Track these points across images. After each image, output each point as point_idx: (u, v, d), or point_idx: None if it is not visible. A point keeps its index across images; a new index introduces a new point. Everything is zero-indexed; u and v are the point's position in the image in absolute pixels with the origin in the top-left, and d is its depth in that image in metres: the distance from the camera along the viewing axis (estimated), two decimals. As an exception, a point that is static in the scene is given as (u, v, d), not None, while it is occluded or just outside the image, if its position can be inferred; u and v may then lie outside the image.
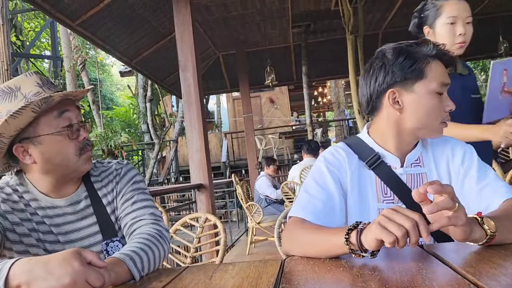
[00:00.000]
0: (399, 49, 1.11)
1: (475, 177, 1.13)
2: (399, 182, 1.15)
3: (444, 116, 1.12)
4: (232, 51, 7.83)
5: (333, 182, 1.15)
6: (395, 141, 1.17)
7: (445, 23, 1.65)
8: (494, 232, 0.87)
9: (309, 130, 7.39)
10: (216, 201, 8.37)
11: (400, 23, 7.62)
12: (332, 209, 1.12)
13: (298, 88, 11.39)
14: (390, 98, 1.12)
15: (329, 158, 1.20)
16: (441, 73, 1.10)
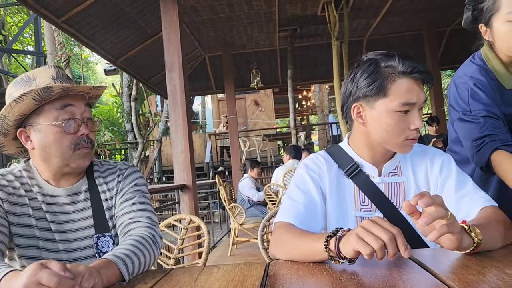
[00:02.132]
0: (368, 63, 1.12)
1: (454, 186, 1.15)
2: (376, 191, 1.18)
3: (409, 134, 1.11)
4: (218, 53, 7.84)
5: (314, 187, 1.19)
6: (368, 151, 1.20)
7: (505, 21, 1.29)
8: (481, 240, 0.89)
9: (293, 133, 7.44)
10: (199, 202, 8.35)
11: (385, 30, 7.76)
12: (314, 212, 1.16)
13: (283, 91, 11.46)
14: (355, 112, 1.15)
15: (309, 165, 1.23)
16: (405, 92, 1.07)
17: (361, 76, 1.11)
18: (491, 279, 0.76)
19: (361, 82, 1.11)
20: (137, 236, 1.11)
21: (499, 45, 1.37)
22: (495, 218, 1.03)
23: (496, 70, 1.42)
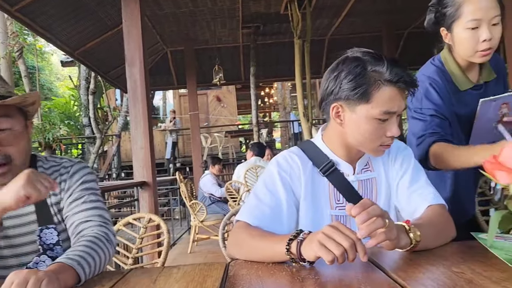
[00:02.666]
0: (355, 64, 1.07)
1: (408, 180, 1.19)
2: (350, 189, 1.18)
3: (385, 140, 1.12)
4: (180, 48, 7.73)
5: (283, 189, 1.15)
6: (344, 150, 1.19)
7: (466, 28, 1.35)
8: (418, 241, 0.94)
9: (254, 130, 7.46)
10: (159, 199, 8.23)
11: (346, 31, 7.92)
12: (279, 215, 1.13)
13: (245, 87, 11.46)
14: (334, 111, 1.13)
15: (282, 164, 1.18)
16: (387, 101, 1.05)
17: (346, 77, 1.07)
18: (439, 277, 0.80)
19: (345, 84, 1.07)
20: (90, 236, 1.08)
21: (458, 49, 1.45)
22: (438, 217, 1.09)
23: (453, 73, 1.50)
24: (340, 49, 3.96)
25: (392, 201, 1.22)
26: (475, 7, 1.34)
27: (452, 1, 1.39)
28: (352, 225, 1.17)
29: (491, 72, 1.54)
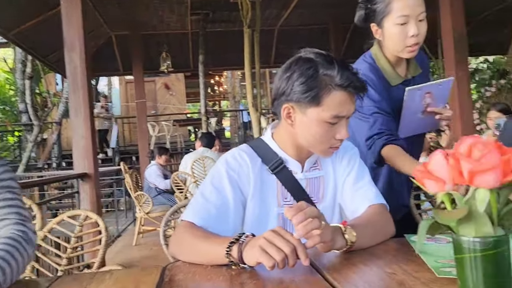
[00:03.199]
0: (307, 66, 1.07)
1: (353, 179, 1.22)
2: (298, 187, 1.18)
3: (334, 143, 1.13)
4: (126, 32, 7.44)
5: (231, 188, 1.13)
6: (294, 149, 1.19)
7: (395, 23, 1.42)
8: (353, 242, 0.96)
9: (203, 120, 7.38)
10: (103, 189, 7.96)
11: (295, 22, 7.98)
12: (226, 215, 1.12)
13: (195, 75, 11.27)
14: (285, 112, 1.13)
15: (231, 163, 1.17)
16: (338, 105, 1.07)
17: (298, 79, 1.07)
18: (371, 279, 0.82)
19: (297, 86, 1.07)
20: (6, 238, 0.99)
21: (388, 45, 1.50)
22: (377, 216, 1.13)
23: (384, 68, 1.55)
24: (290, 40, 4.01)
25: (337, 199, 1.23)
26: (404, 4, 1.40)
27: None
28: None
29: (417, 67, 1.61)
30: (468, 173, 0.51)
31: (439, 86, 1.49)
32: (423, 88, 1.46)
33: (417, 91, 1.45)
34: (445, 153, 0.60)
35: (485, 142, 0.52)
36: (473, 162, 0.51)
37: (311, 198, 1.19)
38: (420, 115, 1.52)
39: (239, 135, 12.44)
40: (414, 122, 1.53)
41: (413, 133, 1.58)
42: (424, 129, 1.63)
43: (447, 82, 1.49)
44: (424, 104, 1.50)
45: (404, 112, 1.50)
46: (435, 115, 1.50)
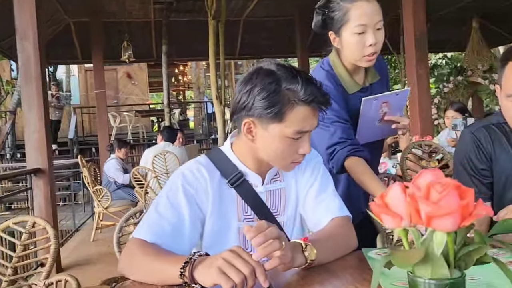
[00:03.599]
0: (269, 80, 1.02)
1: (316, 190, 1.18)
2: (258, 200, 1.14)
3: (296, 158, 1.10)
4: (85, 19, 7.14)
5: (187, 204, 1.07)
6: (255, 162, 1.14)
7: (353, 33, 1.39)
8: (313, 259, 0.93)
9: (166, 111, 7.23)
10: (61, 182, 7.68)
11: (261, 13, 7.91)
12: (181, 232, 1.06)
13: (158, 64, 11.02)
14: (245, 127, 1.08)
15: (188, 177, 1.10)
16: (301, 121, 1.03)
17: (259, 94, 1.02)
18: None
19: (258, 102, 1.02)
20: None
21: (346, 53, 1.48)
22: (339, 229, 1.10)
23: (342, 76, 1.53)
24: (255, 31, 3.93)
25: (299, 210, 1.20)
26: (361, 12, 1.38)
27: (339, 6, 1.41)
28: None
29: (375, 74, 1.60)
30: (426, 216, 0.49)
31: (396, 96, 1.49)
32: (379, 98, 1.46)
33: (373, 101, 1.45)
34: (403, 186, 0.58)
35: (444, 183, 0.49)
36: (431, 205, 0.48)
37: (272, 210, 1.16)
38: (377, 123, 1.52)
39: (203, 127, 12.30)
40: (371, 129, 1.53)
41: (370, 140, 1.59)
42: (381, 136, 1.64)
43: (404, 92, 1.51)
44: (381, 113, 1.50)
45: (361, 120, 1.50)
46: (392, 123, 1.51)
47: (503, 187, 1.30)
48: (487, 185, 1.31)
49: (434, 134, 5.85)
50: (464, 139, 1.35)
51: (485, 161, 1.30)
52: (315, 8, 1.50)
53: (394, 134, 1.60)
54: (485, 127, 1.32)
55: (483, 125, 1.33)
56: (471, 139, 1.32)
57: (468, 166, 1.32)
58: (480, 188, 1.31)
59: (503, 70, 1.22)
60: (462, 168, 1.34)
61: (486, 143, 1.30)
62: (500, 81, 1.25)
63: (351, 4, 1.39)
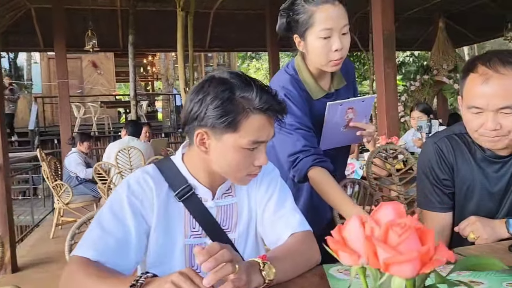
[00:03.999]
0: (222, 88, 0.97)
1: (274, 205, 1.13)
2: (207, 216, 1.08)
3: (252, 170, 1.04)
4: (47, 5, 6.81)
5: (133, 217, 1.01)
6: (207, 175, 1.08)
7: (319, 37, 1.35)
8: (272, 279, 0.88)
9: (132, 104, 7.03)
10: (20, 175, 7.37)
11: (231, 6, 7.82)
12: (127, 247, 0.99)
13: (126, 54, 10.70)
14: (198, 138, 1.01)
15: (133, 187, 1.04)
16: (256, 130, 0.98)
17: (212, 102, 0.96)
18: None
19: (211, 111, 0.96)
20: None
21: (311, 57, 1.43)
22: (300, 245, 1.05)
23: (306, 82, 1.48)
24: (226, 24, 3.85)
25: (253, 226, 1.15)
26: (327, 16, 1.34)
27: (304, 9, 1.36)
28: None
29: (341, 79, 1.57)
30: (384, 262, 0.44)
31: (362, 102, 1.46)
32: (345, 103, 1.42)
33: (339, 106, 1.42)
34: (362, 220, 0.53)
35: (404, 224, 0.45)
36: (390, 251, 0.44)
37: (223, 227, 1.10)
38: (342, 129, 1.49)
39: (171, 119, 12.09)
40: (336, 136, 1.50)
41: (334, 146, 1.55)
42: (346, 142, 1.61)
43: (370, 99, 1.48)
44: (347, 119, 1.47)
45: (326, 126, 1.46)
46: (357, 129, 1.48)
47: (464, 198, 1.29)
48: (449, 195, 1.30)
49: (400, 131, 5.95)
50: (427, 149, 1.34)
51: (447, 172, 1.29)
52: (280, 10, 1.45)
53: (359, 141, 1.57)
54: (447, 138, 1.31)
55: (446, 136, 1.32)
56: (434, 149, 1.31)
57: (431, 175, 1.31)
58: (442, 198, 1.30)
59: (464, 82, 1.21)
60: (425, 177, 1.33)
61: (448, 154, 1.29)
62: (461, 92, 1.24)
63: (316, 7, 1.35)
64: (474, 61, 1.20)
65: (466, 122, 1.21)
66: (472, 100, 1.16)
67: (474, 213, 1.26)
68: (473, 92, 1.16)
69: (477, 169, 1.26)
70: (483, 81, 1.13)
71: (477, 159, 1.27)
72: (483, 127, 1.15)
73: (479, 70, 1.16)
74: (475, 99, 1.15)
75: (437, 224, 1.29)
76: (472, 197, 1.28)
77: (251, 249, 1.15)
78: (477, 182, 1.26)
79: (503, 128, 1.13)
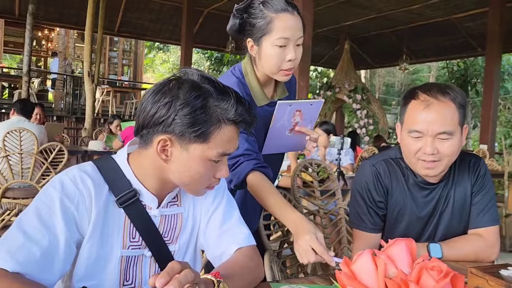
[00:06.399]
0: (195, 93, 0.88)
1: (220, 218, 1.06)
2: (150, 225, 0.97)
3: (212, 182, 0.98)
4: None
5: (64, 224, 0.86)
6: (156, 183, 0.97)
7: (274, 45, 1.32)
8: None
9: (24, 80, 6.31)
10: None
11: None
12: (53, 259, 0.85)
13: (20, 24, 9.57)
14: (159, 145, 0.91)
15: (69, 189, 0.89)
16: (226, 142, 0.92)
17: (183, 109, 0.87)
18: None
19: (181, 118, 0.87)
20: None
21: (263, 64, 1.40)
22: (248, 262, 1.00)
23: (253, 87, 1.45)
24: (139, 11, 3.64)
25: (194, 238, 1.07)
26: (286, 25, 1.32)
27: (262, 14, 1.33)
28: (144, 269, 0.98)
29: (284, 89, 1.56)
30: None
31: (310, 106, 1.45)
32: (294, 104, 1.41)
33: (288, 106, 1.39)
34: (372, 252, 0.51)
35: (439, 268, 0.43)
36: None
37: (164, 238, 1.00)
38: (288, 133, 1.47)
39: (66, 102, 11.11)
40: (280, 139, 1.47)
41: (277, 151, 1.53)
42: (289, 148, 1.59)
43: (318, 104, 1.46)
44: (293, 122, 1.45)
45: (272, 127, 1.43)
46: (302, 134, 1.47)
47: (395, 219, 1.36)
48: (381, 217, 1.36)
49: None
50: (364, 171, 1.38)
51: (382, 194, 1.35)
52: (233, 10, 1.39)
53: (301, 149, 1.56)
54: (385, 161, 1.37)
55: (383, 159, 1.38)
56: (372, 172, 1.35)
57: (367, 197, 1.35)
58: (375, 220, 1.35)
59: (405, 108, 1.28)
60: (360, 198, 1.37)
61: (385, 177, 1.35)
62: (401, 119, 1.30)
63: (275, 14, 1.31)
64: (415, 90, 1.28)
65: (405, 145, 1.28)
66: (413, 125, 1.23)
67: (402, 236, 1.32)
68: (415, 117, 1.23)
69: (409, 194, 1.34)
70: (425, 107, 1.21)
71: (409, 184, 1.34)
72: (421, 150, 1.22)
73: (421, 97, 1.23)
74: (417, 124, 1.22)
75: (367, 244, 1.33)
76: (401, 220, 1.35)
77: (189, 261, 1.06)
78: (408, 206, 1.34)
79: (440, 153, 1.21)
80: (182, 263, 0.74)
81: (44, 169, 3.59)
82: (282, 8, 1.32)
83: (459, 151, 1.26)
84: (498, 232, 1.34)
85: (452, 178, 1.34)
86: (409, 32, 8.73)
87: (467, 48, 8.83)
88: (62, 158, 3.81)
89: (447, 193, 1.34)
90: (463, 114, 1.25)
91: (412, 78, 19.06)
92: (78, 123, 10.12)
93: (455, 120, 1.21)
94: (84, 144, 6.08)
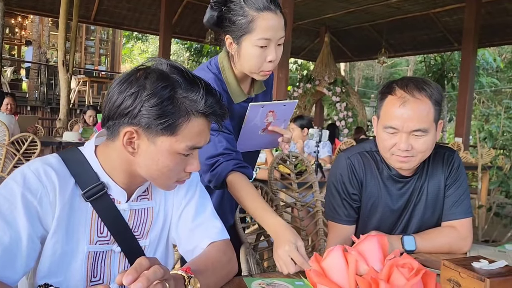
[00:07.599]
0: (162, 85, 0.84)
1: (193, 212, 1.04)
2: (119, 219, 0.94)
3: (182, 176, 0.95)
4: None
5: (26, 220, 0.82)
6: (125, 176, 0.94)
7: (255, 45, 1.28)
8: None
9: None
10: None
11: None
12: (15, 256, 0.81)
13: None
14: (126, 138, 0.87)
15: (31, 182, 0.85)
16: (195, 135, 0.89)
17: (149, 100, 0.83)
18: None
19: (147, 109, 0.83)
20: None
21: (242, 63, 1.36)
22: (220, 257, 0.98)
23: (229, 83, 1.42)
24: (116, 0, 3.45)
25: (165, 232, 1.04)
26: (268, 26, 1.27)
27: (243, 12, 1.27)
28: (113, 265, 0.95)
29: (261, 85, 1.54)
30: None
31: (283, 106, 1.44)
32: (267, 106, 1.39)
33: (260, 107, 1.38)
34: (343, 248, 0.49)
35: (410, 265, 0.41)
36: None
37: (134, 233, 0.97)
38: (261, 132, 1.46)
39: (40, 92, 10.83)
40: (253, 139, 1.46)
41: (249, 149, 1.52)
42: (262, 146, 1.58)
43: (291, 104, 1.47)
44: (266, 122, 1.44)
45: (244, 127, 1.41)
46: (275, 133, 1.46)
47: (369, 212, 1.36)
48: (356, 209, 1.36)
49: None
50: (340, 163, 1.38)
51: (357, 186, 1.34)
52: (210, 2, 1.33)
53: (274, 147, 1.55)
54: (360, 154, 1.37)
55: (358, 152, 1.37)
56: (347, 164, 1.35)
57: (341, 189, 1.35)
58: (349, 212, 1.35)
59: (382, 103, 1.27)
60: (335, 190, 1.36)
61: (359, 169, 1.34)
62: (378, 113, 1.29)
63: (257, 13, 1.26)
64: (392, 84, 1.27)
65: (380, 140, 1.27)
66: (389, 121, 1.22)
67: (376, 228, 1.33)
68: (390, 113, 1.22)
69: (383, 186, 1.34)
70: (401, 103, 1.20)
71: (383, 176, 1.34)
72: (396, 146, 1.22)
73: (397, 93, 1.23)
74: (392, 120, 1.21)
75: (341, 236, 1.33)
76: (375, 212, 1.35)
77: (160, 256, 1.04)
78: (382, 198, 1.34)
79: (414, 149, 1.21)
80: (151, 259, 0.72)
81: (16, 160, 3.49)
82: (265, 6, 1.26)
83: (433, 146, 1.27)
84: (471, 224, 1.35)
85: (426, 170, 1.35)
86: (388, 26, 8.81)
87: (444, 42, 8.96)
88: (35, 149, 3.72)
89: (421, 185, 1.34)
90: (439, 110, 1.25)
91: (390, 71, 19.28)
92: (53, 113, 9.88)
93: (430, 117, 1.21)
94: (59, 135, 5.94)
